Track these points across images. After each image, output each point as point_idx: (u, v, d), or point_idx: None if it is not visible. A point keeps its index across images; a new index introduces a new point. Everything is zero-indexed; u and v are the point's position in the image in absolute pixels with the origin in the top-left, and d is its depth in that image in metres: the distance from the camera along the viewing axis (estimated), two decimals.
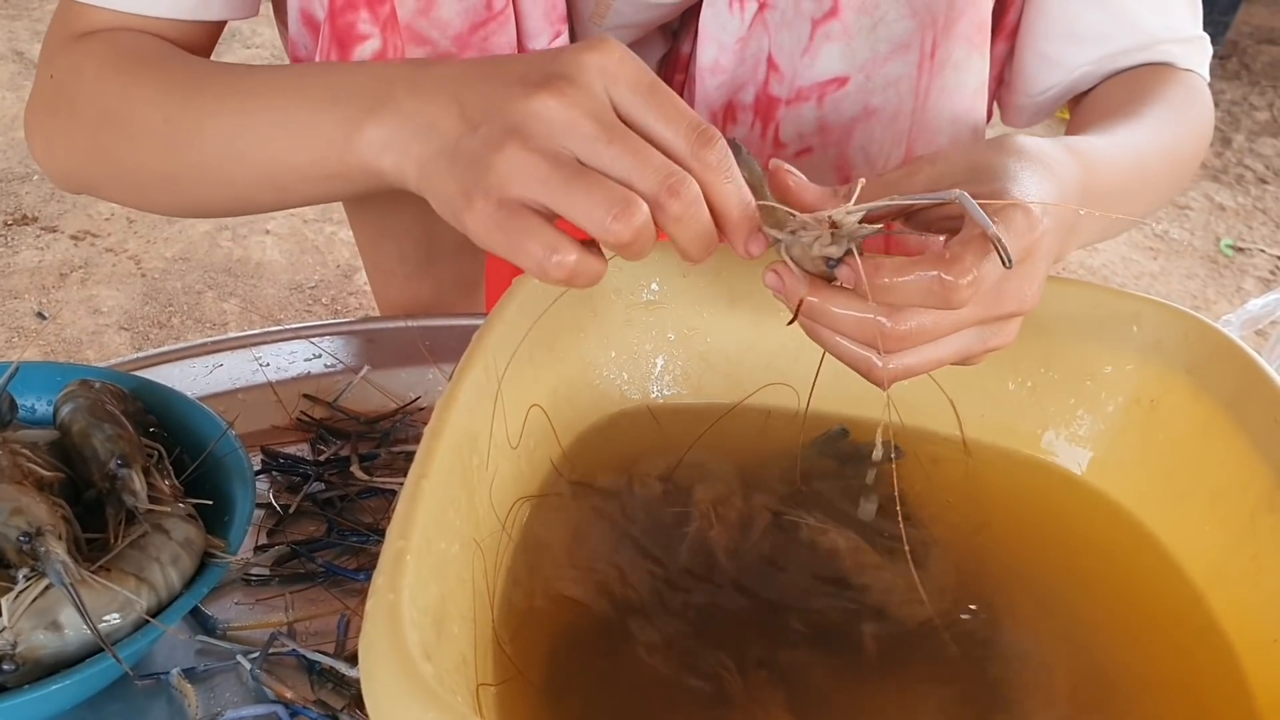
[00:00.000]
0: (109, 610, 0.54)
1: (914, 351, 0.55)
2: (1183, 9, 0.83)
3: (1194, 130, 0.79)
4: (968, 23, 0.76)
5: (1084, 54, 0.82)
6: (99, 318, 2.13)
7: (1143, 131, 0.74)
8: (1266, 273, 2.65)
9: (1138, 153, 0.72)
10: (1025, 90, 0.86)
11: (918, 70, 0.77)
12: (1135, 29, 0.81)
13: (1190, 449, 0.66)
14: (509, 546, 0.59)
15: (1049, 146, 0.61)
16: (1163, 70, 0.82)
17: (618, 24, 0.88)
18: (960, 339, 0.55)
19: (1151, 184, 0.73)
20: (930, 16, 0.75)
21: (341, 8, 0.75)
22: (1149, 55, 0.82)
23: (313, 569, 0.68)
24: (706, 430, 0.70)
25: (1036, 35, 0.83)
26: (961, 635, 0.61)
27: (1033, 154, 0.58)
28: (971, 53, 0.77)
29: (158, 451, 0.64)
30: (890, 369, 0.55)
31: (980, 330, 0.56)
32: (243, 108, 0.65)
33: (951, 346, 0.55)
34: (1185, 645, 0.60)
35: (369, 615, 0.42)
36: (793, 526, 0.65)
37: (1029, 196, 0.54)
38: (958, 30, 0.75)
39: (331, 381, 0.83)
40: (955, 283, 0.51)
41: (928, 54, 0.76)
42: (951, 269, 0.51)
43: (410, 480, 0.48)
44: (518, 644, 0.55)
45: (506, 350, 0.61)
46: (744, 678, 0.55)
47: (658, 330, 0.73)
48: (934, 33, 0.75)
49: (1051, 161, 0.59)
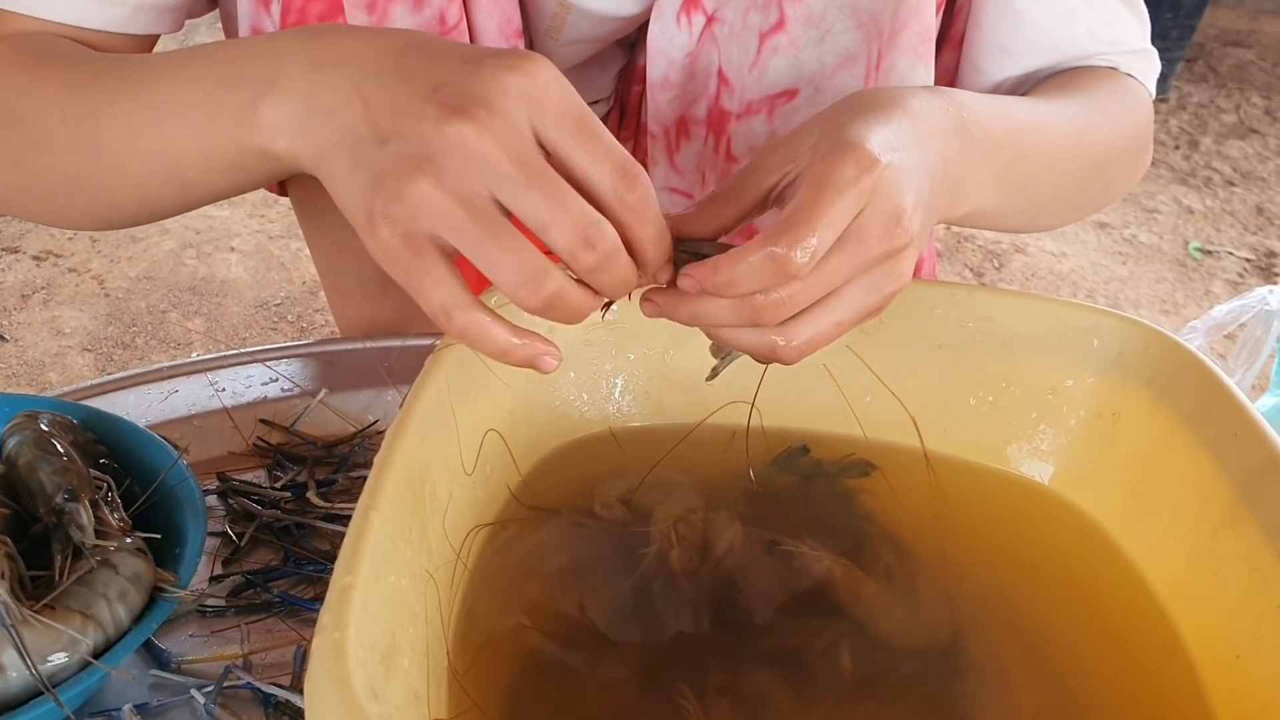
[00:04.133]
0: (54, 650, 0.53)
1: (809, 322, 0.54)
2: (1128, 22, 0.82)
3: (1116, 121, 0.78)
4: (911, 33, 0.75)
5: (1014, 66, 0.82)
6: (62, 339, 2.11)
7: (1050, 103, 0.73)
8: (1234, 275, 2.67)
9: (1036, 117, 0.70)
10: None
11: (864, 82, 0.76)
12: (1071, 43, 0.81)
13: (1153, 462, 0.66)
14: (464, 576, 0.58)
15: (911, 89, 0.60)
16: (1099, 71, 0.81)
17: (574, 39, 0.87)
18: (851, 295, 0.54)
19: (1058, 154, 0.71)
20: (876, 27, 0.74)
21: (294, 25, 0.74)
22: (1088, 64, 0.82)
23: (269, 599, 0.67)
24: (668, 453, 0.69)
25: (971, 46, 0.83)
26: (927, 653, 0.60)
27: (883, 97, 0.57)
28: (916, 63, 0.77)
29: (107, 484, 0.63)
30: (794, 345, 0.54)
31: (868, 278, 0.54)
32: (139, 100, 0.60)
33: (846, 306, 0.54)
34: (1149, 661, 0.60)
35: (314, 654, 0.41)
36: (754, 546, 0.65)
37: (868, 138, 0.53)
38: (902, 40, 0.75)
39: (289, 405, 0.82)
40: (787, 254, 0.50)
41: (874, 65, 0.76)
42: (780, 240, 0.50)
43: (358, 512, 0.47)
44: (474, 676, 0.54)
45: (460, 375, 0.60)
46: (704, 706, 0.54)
47: (618, 350, 0.72)
48: (879, 43, 0.75)
49: (907, 100, 0.57)
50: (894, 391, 0.71)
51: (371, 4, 0.74)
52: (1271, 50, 4.07)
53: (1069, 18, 0.80)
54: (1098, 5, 0.81)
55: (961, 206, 0.62)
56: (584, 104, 0.49)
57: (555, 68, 0.49)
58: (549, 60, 0.49)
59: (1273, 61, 3.98)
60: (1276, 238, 2.84)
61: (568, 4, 0.81)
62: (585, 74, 0.96)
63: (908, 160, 0.54)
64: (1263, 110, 3.58)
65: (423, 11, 0.75)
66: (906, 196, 0.53)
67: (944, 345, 0.71)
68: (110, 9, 0.70)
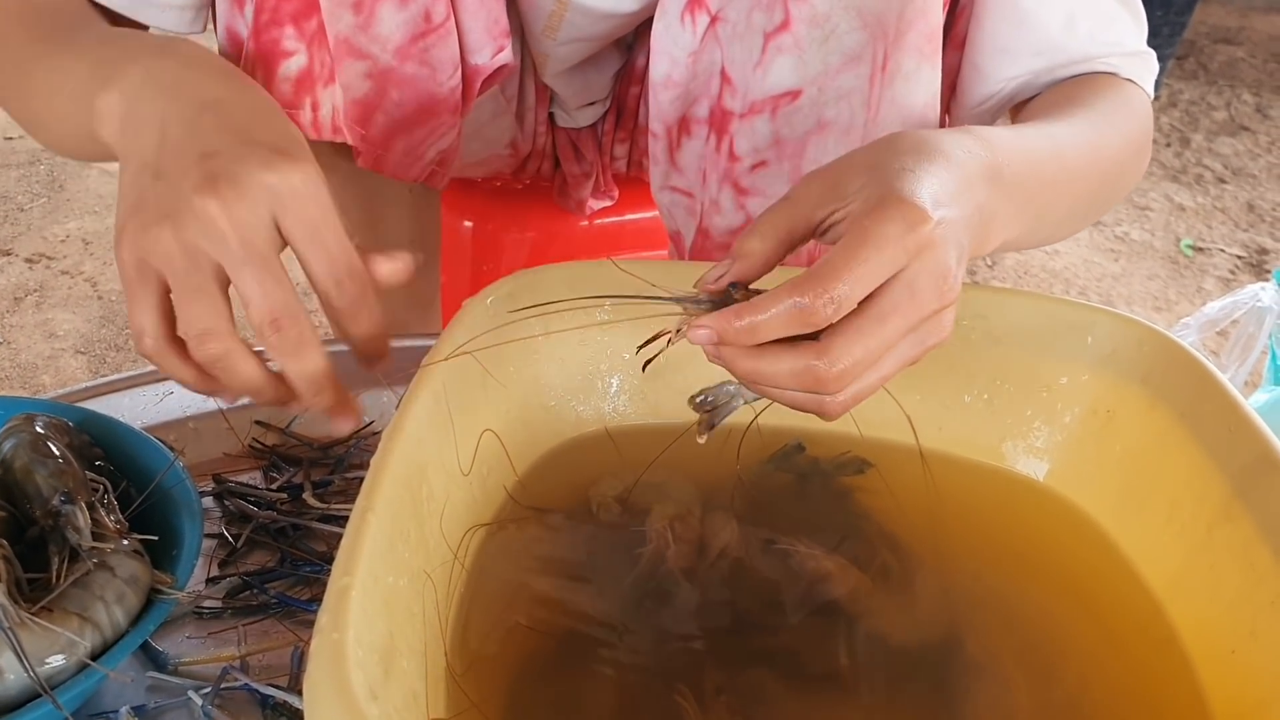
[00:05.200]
0: (51, 652, 0.53)
1: (859, 383, 0.54)
2: (1126, 24, 0.82)
3: (1122, 133, 0.78)
4: (917, 33, 0.75)
5: (1015, 67, 0.81)
6: (55, 342, 2.10)
7: (1062, 124, 0.74)
8: (1226, 272, 2.67)
9: (1053, 142, 0.71)
10: (964, 102, 0.86)
11: (869, 83, 0.76)
12: (1072, 45, 0.80)
13: (1147, 459, 0.66)
14: (462, 577, 0.58)
15: (949, 134, 0.60)
16: (1100, 78, 0.81)
17: (572, 37, 0.87)
18: (898, 352, 0.54)
19: (1073, 176, 0.71)
20: (881, 28, 0.74)
21: (265, 24, 0.74)
22: (1089, 67, 0.82)
23: (265, 601, 0.67)
24: (664, 452, 0.69)
25: (973, 47, 0.83)
26: (923, 649, 0.60)
27: (928, 145, 0.57)
28: (922, 63, 0.77)
29: (103, 486, 0.63)
30: (840, 401, 0.54)
31: (915, 335, 0.54)
32: (56, 63, 0.68)
33: (891, 363, 0.54)
34: (1145, 657, 0.60)
35: (313, 656, 0.41)
36: (750, 544, 0.65)
37: (919, 193, 0.53)
38: (908, 41, 0.75)
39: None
40: (812, 305, 0.50)
41: (879, 66, 0.76)
42: (806, 291, 0.50)
43: (356, 514, 0.47)
44: (472, 676, 0.54)
45: (456, 376, 0.60)
46: (701, 704, 0.54)
47: (612, 350, 0.72)
48: (885, 44, 0.75)
49: (950, 149, 0.58)
50: (888, 389, 0.71)
51: (358, 4, 0.74)
52: (1261, 47, 4.08)
53: (1070, 20, 0.80)
54: (1097, 8, 0.81)
55: (990, 245, 0.62)
56: (327, 211, 0.55)
57: (317, 175, 0.55)
58: (314, 167, 0.55)
59: (1263, 58, 3.98)
60: (1268, 234, 2.85)
61: (565, 1, 0.81)
62: (583, 75, 0.96)
63: (955, 215, 0.55)
64: (1253, 107, 3.58)
65: (408, 8, 0.75)
66: (953, 252, 0.54)
67: None
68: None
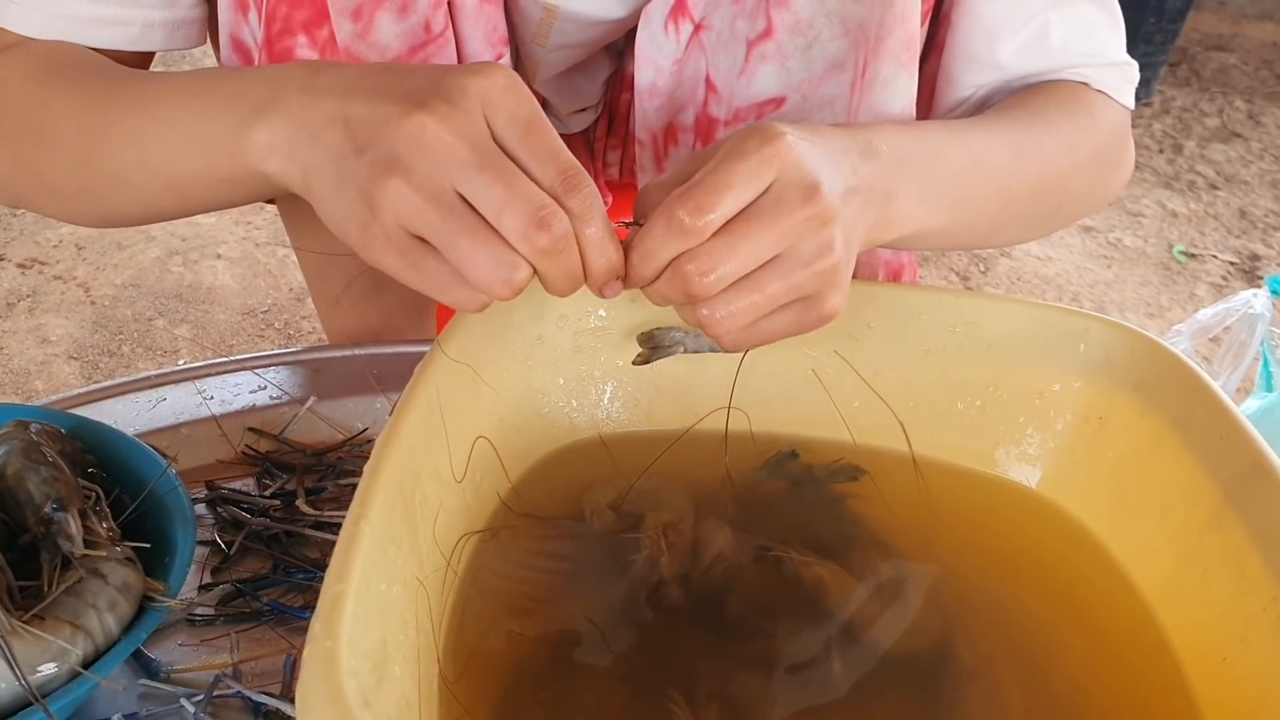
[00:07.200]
0: (43, 660, 0.53)
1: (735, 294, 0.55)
2: (1106, 34, 0.81)
3: (1067, 139, 0.77)
4: (896, 40, 0.75)
5: (983, 75, 0.81)
6: (47, 347, 2.10)
7: (977, 122, 0.75)
8: (1219, 278, 2.68)
9: (959, 136, 0.71)
10: (936, 109, 0.86)
11: (851, 90, 0.76)
12: (1045, 56, 0.80)
13: (1140, 466, 0.66)
14: (455, 583, 0.58)
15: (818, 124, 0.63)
16: (1060, 86, 0.81)
17: (561, 44, 0.87)
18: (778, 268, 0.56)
19: (992, 171, 0.72)
20: (862, 35, 0.74)
21: (279, 33, 0.74)
22: (1058, 77, 0.81)
23: (258, 608, 0.66)
24: (657, 459, 0.69)
25: (946, 54, 0.83)
26: (916, 657, 0.60)
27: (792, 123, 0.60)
28: (899, 70, 0.77)
29: (95, 493, 0.63)
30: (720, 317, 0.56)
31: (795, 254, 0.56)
32: (147, 114, 0.65)
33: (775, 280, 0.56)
34: (1137, 664, 0.60)
35: (305, 663, 0.41)
36: (743, 551, 0.65)
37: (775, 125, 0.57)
38: (886, 48, 0.75)
39: (277, 413, 0.82)
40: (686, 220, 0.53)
41: (859, 73, 0.76)
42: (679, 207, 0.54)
43: (349, 521, 0.47)
44: (464, 683, 0.54)
45: (450, 382, 0.60)
46: (694, 711, 0.54)
47: (606, 356, 0.72)
48: (865, 51, 0.75)
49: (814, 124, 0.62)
50: (882, 396, 0.72)
51: (357, 12, 0.74)
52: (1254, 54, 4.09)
53: (1043, 30, 0.79)
54: (1075, 17, 0.80)
55: (896, 225, 0.64)
56: (538, 109, 0.53)
57: (517, 75, 0.52)
58: (513, 70, 0.53)
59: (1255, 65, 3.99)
60: (1260, 241, 2.85)
61: (553, 8, 0.81)
62: (573, 82, 0.96)
63: (814, 147, 0.57)
64: (1245, 114, 3.59)
65: (408, 19, 0.75)
66: (819, 172, 0.56)
67: (931, 350, 0.71)
68: (120, 30, 0.73)
